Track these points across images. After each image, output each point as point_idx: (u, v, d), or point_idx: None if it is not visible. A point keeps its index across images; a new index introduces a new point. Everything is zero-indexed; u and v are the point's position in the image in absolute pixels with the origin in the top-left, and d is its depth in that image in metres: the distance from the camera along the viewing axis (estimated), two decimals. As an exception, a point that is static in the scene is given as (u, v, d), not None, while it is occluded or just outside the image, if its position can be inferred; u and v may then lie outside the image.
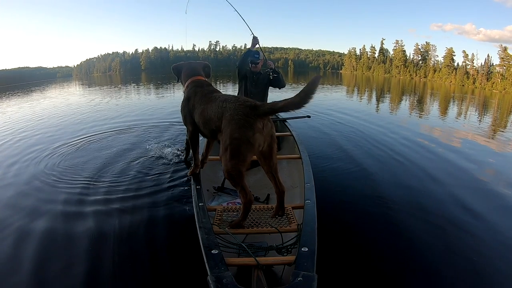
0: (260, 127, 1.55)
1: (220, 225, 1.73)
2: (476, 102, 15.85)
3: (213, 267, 1.24)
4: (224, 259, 1.29)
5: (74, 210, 2.63)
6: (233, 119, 1.57)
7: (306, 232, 1.48)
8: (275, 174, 1.76)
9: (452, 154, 4.48)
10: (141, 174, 3.38)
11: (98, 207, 2.67)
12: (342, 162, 3.85)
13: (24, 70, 67.58)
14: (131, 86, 21.43)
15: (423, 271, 1.92)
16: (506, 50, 33.54)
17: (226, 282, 1.14)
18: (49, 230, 2.33)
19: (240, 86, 3.72)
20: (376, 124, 6.54)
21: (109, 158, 3.95)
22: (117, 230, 2.33)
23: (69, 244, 2.18)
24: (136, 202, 2.74)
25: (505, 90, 29.49)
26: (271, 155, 1.69)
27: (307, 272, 1.18)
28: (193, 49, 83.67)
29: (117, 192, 2.94)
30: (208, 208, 1.84)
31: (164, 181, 3.15)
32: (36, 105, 11.45)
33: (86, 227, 2.37)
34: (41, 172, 3.50)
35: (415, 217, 2.56)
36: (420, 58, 50.19)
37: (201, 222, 1.61)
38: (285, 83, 3.75)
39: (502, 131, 7.20)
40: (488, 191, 3.22)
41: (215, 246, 1.38)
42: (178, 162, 3.68)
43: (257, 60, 3.59)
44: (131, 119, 7.01)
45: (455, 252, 2.11)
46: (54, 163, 3.83)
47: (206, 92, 1.96)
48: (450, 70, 41.66)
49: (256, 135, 1.53)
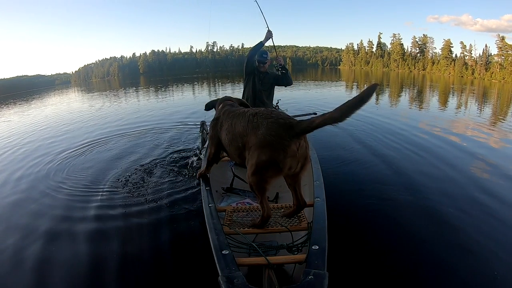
0: (295, 149, 1.43)
1: (230, 226, 1.73)
2: (476, 93, 15.80)
3: (224, 267, 1.24)
4: (235, 259, 1.30)
5: (79, 216, 2.67)
6: (264, 139, 1.45)
7: (316, 230, 1.48)
8: (298, 188, 1.68)
9: (465, 148, 4.45)
10: (147, 177, 3.39)
11: (105, 211, 2.70)
12: (351, 159, 3.84)
13: (22, 78, 67.74)
14: (131, 90, 21.45)
15: (435, 269, 1.88)
16: (503, 40, 33.50)
17: (237, 282, 1.14)
18: (55, 239, 2.36)
19: (247, 82, 3.62)
20: (383, 117, 6.56)
21: (114, 163, 3.98)
22: (127, 233, 2.36)
23: (76, 247, 2.21)
24: (144, 206, 2.75)
25: (504, 79, 29.42)
26: (300, 173, 1.59)
27: (318, 270, 1.18)
28: (190, 51, 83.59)
29: (123, 197, 2.96)
30: (218, 209, 1.84)
31: (172, 183, 3.16)
32: (37, 114, 11.49)
33: (94, 230, 2.41)
34: (47, 182, 3.52)
35: (426, 213, 2.52)
36: (418, 51, 50.10)
37: (211, 223, 1.62)
38: (292, 81, 3.73)
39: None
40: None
41: (226, 247, 1.38)
42: (184, 164, 3.69)
43: (265, 60, 3.54)
44: (133, 122, 7.08)
45: (471, 251, 2.05)
46: (60, 171, 3.86)
47: (236, 109, 1.86)
48: (448, 62, 41.58)
49: (287, 159, 1.43)
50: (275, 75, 3.65)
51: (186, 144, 4.72)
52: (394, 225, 2.38)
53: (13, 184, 3.60)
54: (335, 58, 77.77)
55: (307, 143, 1.51)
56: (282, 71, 3.61)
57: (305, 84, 18.58)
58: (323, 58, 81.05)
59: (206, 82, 25.07)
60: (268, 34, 3.63)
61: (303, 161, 1.50)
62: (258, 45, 3.51)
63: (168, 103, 11.43)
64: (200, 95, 14.88)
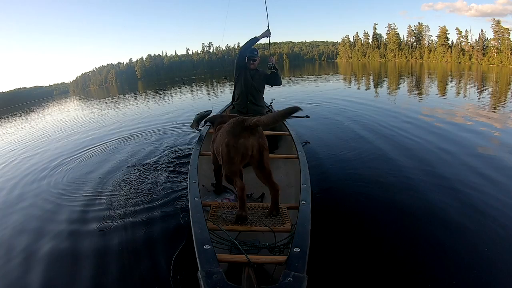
0: (246, 135, 1.72)
1: (214, 221, 1.74)
2: (474, 78, 15.74)
3: (204, 262, 1.24)
4: (216, 255, 1.29)
5: (79, 217, 2.79)
6: (224, 129, 1.81)
7: (299, 233, 1.47)
8: (268, 176, 1.82)
9: (459, 136, 4.38)
10: (146, 177, 3.50)
11: (101, 210, 2.87)
12: (340, 162, 3.66)
13: (21, 91, 68.02)
14: (129, 95, 21.54)
15: (423, 273, 1.82)
16: (499, 24, 33.35)
17: (216, 278, 1.14)
18: (57, 245, 2.42)
19: (239, 77, 3.55)
20: (377, 109, 6.55)
21: (110, 168, 4.05)
22: (124, 232, 2.48)
23: (75, 246, 2.34)
24: (143, 205, 2.86)
25: (502, 63, 29.31)
26: (261, 161, 1.80)
27: (297, 272, 1.18)
28: (186, 53, 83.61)
29: (120, 198, 3.07)
30: (203, 204, 1.85)
31: (171, 183, 3.27)
32: (37, 124, 11.59)
33: (93, 229, 2.55)
34: (47, 190, 3.60)
35: (416, 217, 2.41)
36: (414, 39, 49.93)
37: (195, 217, 1.62)
38: (281, 81, 3.70)
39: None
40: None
41: (208, 242, 1.38)
42: (177, 164, 3.82)
43: (255, 57, 3.48)
44: (131, 127, 7.12)
45: (458, 252, 1.99)
46: (58, 179, 3.93)
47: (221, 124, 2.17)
48: (445, 49, 41.43)
49: (240, 140, 1.71)
50: (266, 73, 3.60)
51: (184, 144, 4.81)
52: (378, 232, 2.28)
53: (12, 191, 3.74)
54: (332, 52, 77.75)
55: (260, 134, 1.78)
56: (273, 71, 3.58)
57: (303, 80, 18.58)
58: (320, 53, 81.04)
59: (203, 83, 25.15)
60: (267, 32, 3.64)
61: (257, 146, 1.76)
62: (252, 39, 3.50)
63: (166, 106, 11.46)
64: (198, 96, 14.92)
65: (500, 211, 2.35)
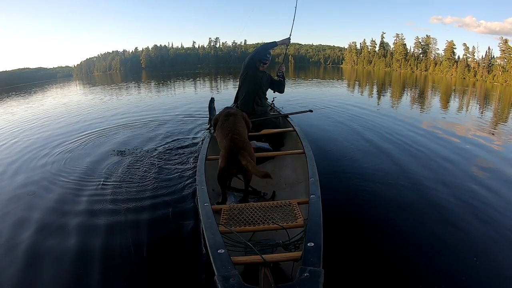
0: (237, 162, 2.11)
1: (226, 225, 1.73)
2: (477, 95, 15.79)
3: (220, 266, 1.24)
4: (230, 258, 1.29)
5: (80, 209, 2.70)
6: (224, 149, 2.24)
7: (312, 227, 1.49)
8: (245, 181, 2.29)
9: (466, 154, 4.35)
10: (145, 172, 3.37)
11: (102, 207, 2.70)
12: (347, 155, 3.88)
13: (24, 71, 67.51)
14: (133, 84, 21.48)
15: (430, 267, 1.88)
16: (507, 43, 33.32)
17: (233, 281, 1.14)
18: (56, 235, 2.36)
19: (247, 75, 3.59)
20: (381, 115, 6.63)
21: (113, 156, 4.03)
22: (123, 230, 2.35)
23: (74, 242, 2.25)
24: (140, 203, 2.74)
25: (506, 82, 29.34)
26: (245, 174, 2.23)
27: (313, 267, 1.18)
28: (193, 46, 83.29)
29: (120, 191, 2.96)
30: (214, 208, 1.84)
31: (170, 181, 3.16)
32: (39, 106, 11.60)
33: (91, 227, 2.42)
34: (47, 172, 3.60)
35: (426, 212, 2.52)
36: (420, 51, 49.85)
37: (207, 222, 1.62)
38: (284, 90, 3.80)
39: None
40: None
41: (222, 246, 1.38)
42: (183, 160, 3.74)
43: (267, 60, 3.57)
44: (135, 114, 7.18)
45: (461, 251, 2.07)
46: (60, 162, 3.93)
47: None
48: (451, 63, 41.39)
49: (228, 170, 2.20)
50: (272, 78, 3.73)
51: (188, 136, 4.84)
52: (390, 221, 2.40)
53: (11, 174, 3.68)
54: (338, 57, 77.45)
55: (247, 160, 2.03)
56: (280, 79, 3.75)
57: (309, 82, 18.58)
58: (326, 57, 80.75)
59: (208, 78, 25.11)
60: (287, 40, 3.77)
61: (243, 170, 2.16)
62: (272, 43, 3.63)
63: (169, 97, 11.45)
64: (201, 90, 14.89)
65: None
